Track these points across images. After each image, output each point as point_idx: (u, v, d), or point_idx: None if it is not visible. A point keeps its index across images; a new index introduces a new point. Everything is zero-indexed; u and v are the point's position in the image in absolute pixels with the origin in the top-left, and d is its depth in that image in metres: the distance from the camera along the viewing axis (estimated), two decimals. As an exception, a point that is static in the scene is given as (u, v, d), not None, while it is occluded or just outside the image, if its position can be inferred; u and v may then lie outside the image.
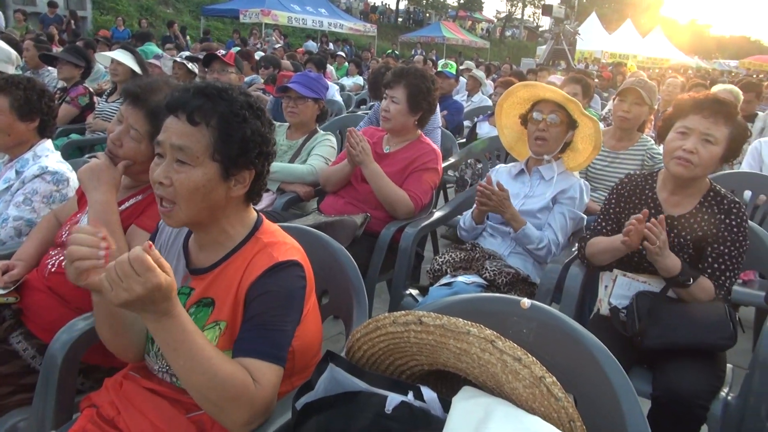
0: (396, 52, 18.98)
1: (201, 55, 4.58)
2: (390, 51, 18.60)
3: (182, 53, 6.55)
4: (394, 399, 1.00)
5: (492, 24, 43.17)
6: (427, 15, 36.06)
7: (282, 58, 7.72)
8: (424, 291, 2.28)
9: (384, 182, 2.48)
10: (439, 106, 4.41)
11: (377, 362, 1.12)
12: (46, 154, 2.12)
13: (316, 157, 2.92)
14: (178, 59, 4.95)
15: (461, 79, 7.69)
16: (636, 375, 1.78)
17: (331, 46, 19.50)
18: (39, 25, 12.94)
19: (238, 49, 7.60)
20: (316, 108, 3.05)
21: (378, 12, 33.10)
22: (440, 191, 4.28)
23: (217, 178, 1.16)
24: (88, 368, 1.58)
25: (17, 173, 2.07)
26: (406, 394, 1.01)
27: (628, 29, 26.86)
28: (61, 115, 3.95)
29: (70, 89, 4.28)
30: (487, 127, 4.70)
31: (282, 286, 1.17)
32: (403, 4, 36.32)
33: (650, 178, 2.01)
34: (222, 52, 4.44)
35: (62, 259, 1.67)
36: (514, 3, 43.95)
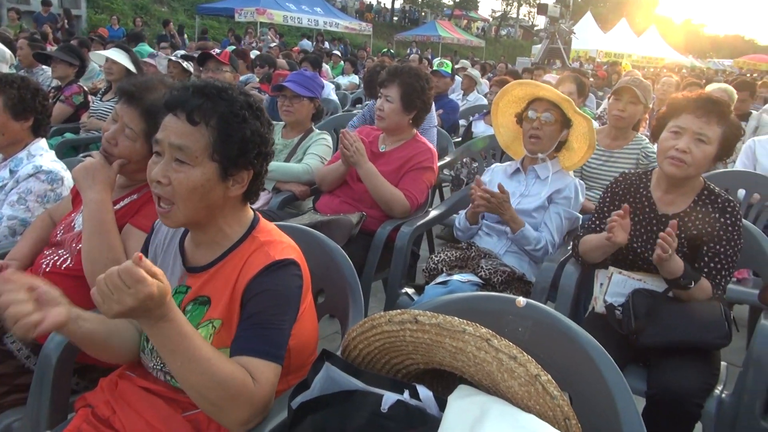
0: (391, 50, 18.92)
1: (196, 54, 4.57)
2: (385, 50, 18.54)
3: (177, 52, 6.53)
4: (390, 398, 1.00)
5: (487, 23, 43.12)
6: (423, 14, 35.97)
7: (277, 56, 7.71)
8: (420, 290, 2.29)
9: (379, 182, 2.48)
10: (434, 105, 4.43)
11: (373, 361, 1.12)
12: (41, 153, 2.11)
13: (311, 156, 2.92)
14: (173, 58, 4.94)
15: (456, 78, 7.70)
16: (631, 373, 1.78)
17: (326, 44, 19.51)
18: (33, 23, 12.84)
19: (233, 47, 7.58)
20: (312, 107, 3.05)
21: (373, 11, 33.02)
22: (436, 190, 4.28)
23: (215, 178, 1.16)
24: (83, 368, 1.57)
25: (11, 172, 2.06)
26: (402, 393, 1.01)
27: (623, 28, 26.91)
28: (56, 114, 3.93)
29: (64, 88, 4.25)
30: (483, 126, 4.71)
31: (279, 285, 1.17)
32: (398, 3, 36.25)
33: (644, 177, 2.02)
34: (217, 50, 4.43)
35: (57, 258, 1.67)
36: (510, 2, 43.86)
